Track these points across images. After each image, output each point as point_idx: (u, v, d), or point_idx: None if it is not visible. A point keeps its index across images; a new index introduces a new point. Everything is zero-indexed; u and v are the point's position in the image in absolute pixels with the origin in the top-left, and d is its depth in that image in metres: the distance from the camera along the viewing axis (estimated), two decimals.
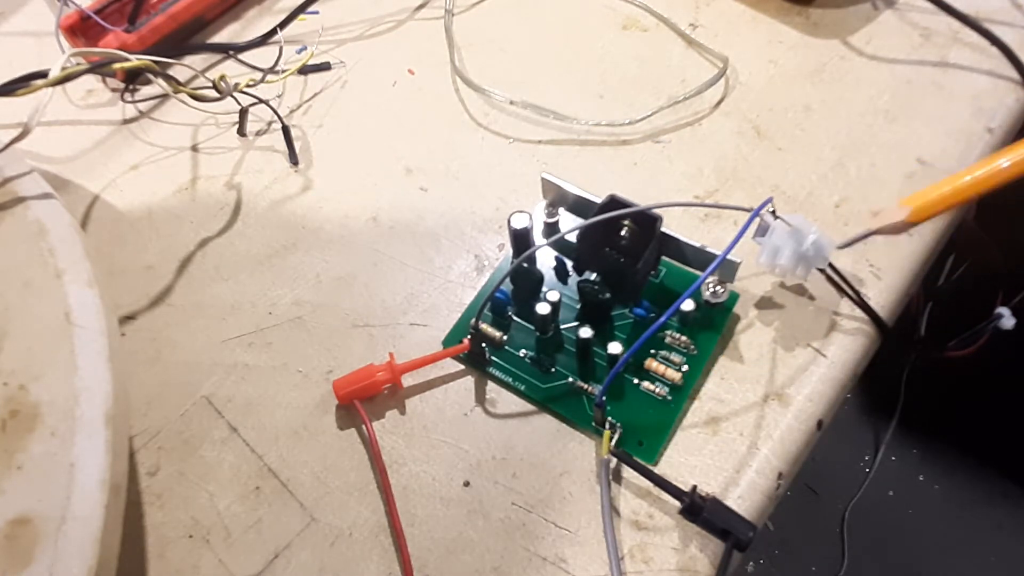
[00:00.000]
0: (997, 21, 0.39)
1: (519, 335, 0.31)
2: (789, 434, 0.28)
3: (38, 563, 0.21)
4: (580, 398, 0.29)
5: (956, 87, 0.37)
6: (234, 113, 0.39)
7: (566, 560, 0.26)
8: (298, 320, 0.32)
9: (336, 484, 0.28)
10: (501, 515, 0.27)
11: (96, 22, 0.40)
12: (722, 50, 0.39)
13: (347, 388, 0.29)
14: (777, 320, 0.31)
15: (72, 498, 0.22)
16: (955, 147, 0.35)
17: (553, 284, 0.32)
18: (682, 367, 0.29)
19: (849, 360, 0.30)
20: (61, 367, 0.25)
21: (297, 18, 0.43)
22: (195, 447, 0.29)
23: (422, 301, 0.33)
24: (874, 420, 0.93)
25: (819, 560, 0.85)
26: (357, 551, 0.27)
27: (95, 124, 0.40)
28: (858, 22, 0.41)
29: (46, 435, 0.23)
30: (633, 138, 0.37)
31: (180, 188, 0.37)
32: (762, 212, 0.28)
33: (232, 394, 0.31)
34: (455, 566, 0.26)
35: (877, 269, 0.32)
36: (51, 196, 0.30)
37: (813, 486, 0.89)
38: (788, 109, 0.37)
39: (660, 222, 0.29)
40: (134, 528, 0.28)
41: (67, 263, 0.27)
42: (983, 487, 0.87)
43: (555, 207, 0.32)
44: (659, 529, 0.26)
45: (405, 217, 0.35)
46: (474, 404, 0.30)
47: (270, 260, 0.34)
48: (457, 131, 0.38)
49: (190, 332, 0.32)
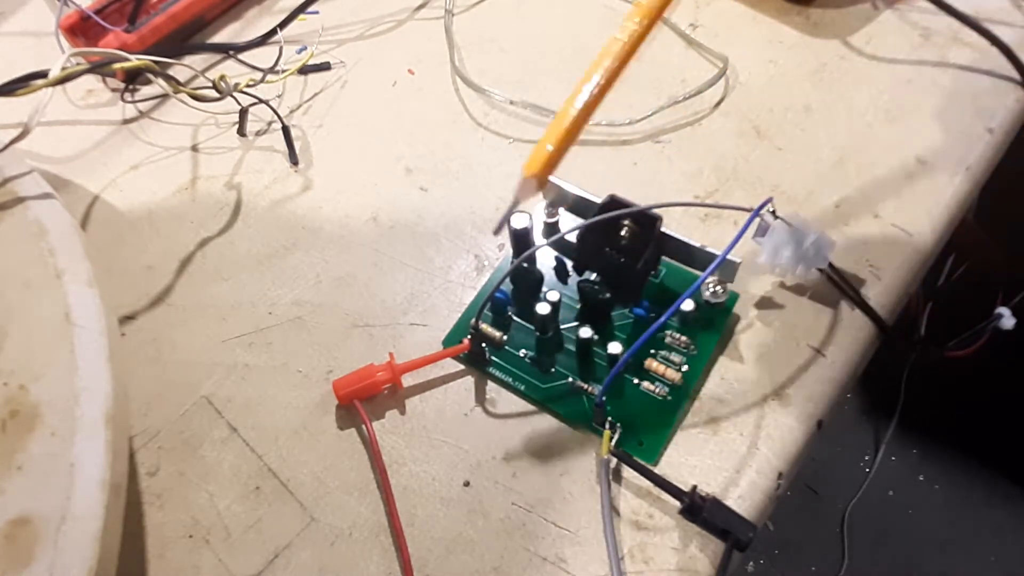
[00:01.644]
0: (997, 21, 0.39)
1: (519, 335, 0.31)
2: (789, 434, 0.28)
3: (38, 563, 0.21)
4: (580, 398, 0.29)
5: (956, 87, 0.37)
6: (234, 113, 0.39)
7: (566, 560, 0.26)
8: (298, 320, 0.32)
9: (336, 484, 0.28)
10: (501, 515, 0.27)
11: (96, 22, 0.40)
12: (722, 50, 0.39)
13: (347, 388, 0.29)
14: (777, 320, 0.31)
15: (72, 498, 0.22)
16: (955, 147, 0.35)
17: (553, 284, 0.32)
18: (682, 367, 0.29)
19: (849, 360, 0.30)
20: (61, 367, 0.25)
21: (297, 18, 0.43)
22: (195, 447, 0.29)
23: (422, 301, 0.33)
24: (874, 420, 0.93)
25: (819, 560, 0.85)
26: (357, 551, 0.27)
27: (95, 124, 0.40)
28: (858, 22, 0.41)
29: (46, 435, 0.23)
30: (633, 138, 0.37)
31: (180, 188, 0.37)
32: (762, 212, 0.28)
33: (232, 394, 0.31)
34: (455, 566, 0.26)
35: (877, 269, 0.32)
36: (51, 196, 0.30)
37: (813, 486, 0.89)
38: (788, 109, 0.37)
39: (660, 222, 0.29)
40: (134, 528, 0.28)
41: (67, 263, 0.27)
42: (983, 487, 0.87)
43: (555, 207, 0.32)
44: (659, 529, 0.26)
45: (405, 217, 0.35)
46: (474, 404, 0.30)
47: (270, 260, 0.34)
48: (457, 131, 0.38)
49: (190, 332, 0.32)
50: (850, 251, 0.32)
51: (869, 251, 0.32)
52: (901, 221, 0.33)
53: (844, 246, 0.32)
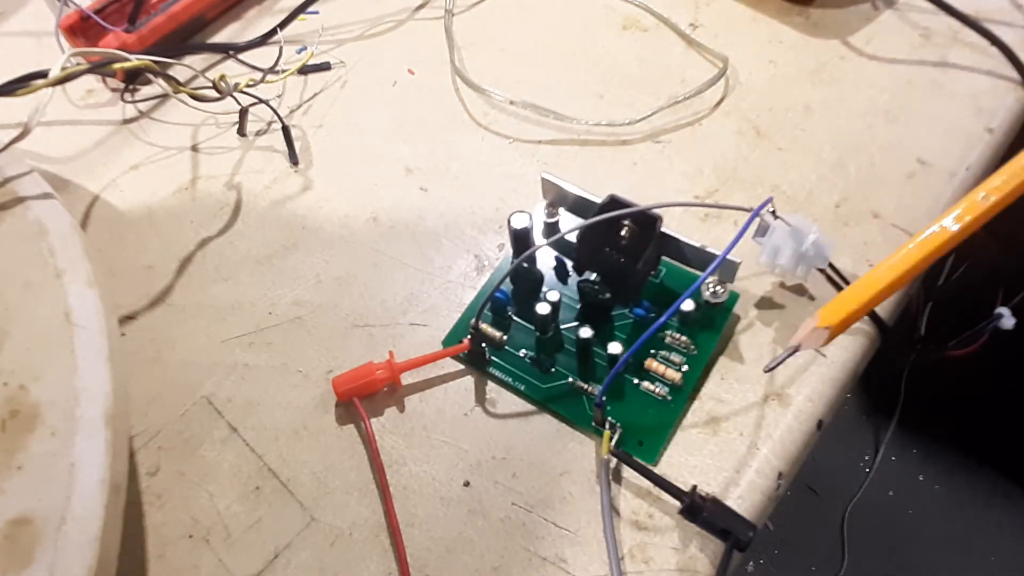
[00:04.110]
0: (997, 21, 0.39)
1: (519, 335, 0.31)
2: (789, 434, 0.28)
3: (38, 563, 0.21)
4: (580, 398, 0.29)
5: (956, 87, 0.37)
6: (234, 113, 0.39)
7: (566, 560, 0.26)
8: (298, 320, 0.32)
9: (336, 484, 0.28)
10: (501, 515, 0.27)
11: (96, 22, 0.40)
12: (722, 50, 0.39)
13: (346, 385, 0.29)
14: (777, 320, 0.31)
15: (72, 498, 0.22)
16: (955, 147, 0.35)
17: (553, 284, 0.32)
18: (682, 367, 0.29)
19: (849, 360, 0.30)
20: (61, 367, 0.25)
21: (297, 18, 0.43)
22: (195, 447, 0.29)
23: (422, 301, 0.33)
24: (874, 420, 0.93)
25: (819, 560, 0.85)
26: (357, 551, 0.27)
27: (95, 124, 0.40)
28: (858, 22, 0.41)
29: (46, 435, 0.23)
30: (633, 138, 0.37)
31: (180, 188, 0.37)
32: (762, 212, 0.28)
33: (232, 394, 0.31)
34: (455, 566, 0.26)
35: None
36: (51, 196, 0.30)
37: (813, 486, 0.89)
38: (788, 109, 0.37)
39: (660, 222, 0.29)
40: (134, 528, 0.28)
41: (67, 263, 0.27)
42: (983, 487, 0.87)
43: (555, 207, 0.32)
44: (659, 529, 0.26)
45: (405, 217, 0.35)
46: (474, 404, 0.30)
47: (270, 260, 0.34)
48: (457, 131, 0.38)
49: (190, 332, 0.32)
50: (850, 251, 0.32)
51: (869, 251, 0.32)
52: (901, 221, 0.33)
53: (844, 246, 0.32)
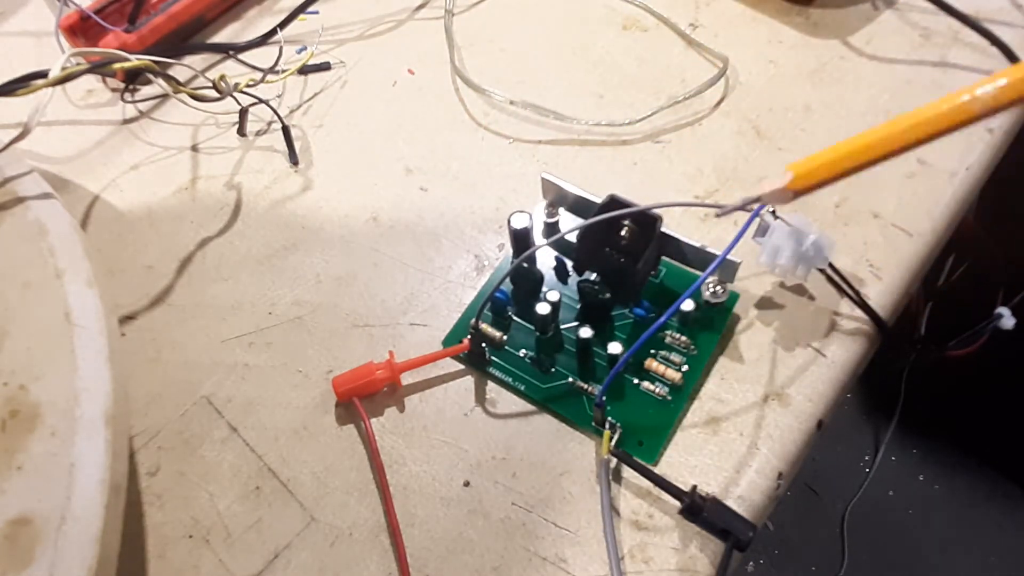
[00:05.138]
0: (997, 21, 0.39)
1: (519, 335, 0.31)
2: (789, 434, 0.28)
3: (38, 563, 0.21)
4: (580, 398, 0.29)
5: (956, 87, 0.37)
6: (234, 113, 0.39)
7: (566, 560, 0.26)
8: (298, 320, 0.32)
9: (336, 484, 0.28)
10: (501, 515, 0.27)
11: (96, 22, 0.40)
12: (722, 50, 0.39)
13: (346, 385, 0.29)
14: (777, 320, 0.31)
15: (72, 498, 0.22)
16: (955, 147, 0.35)
17: (553, 284, 0.32)
18: (682, 367, 0.29)
19: (849, 360, 0.30)
20: (61, 367, 0.25)
21: (297, 18, 0.43)
22: (195, 447, 0.29)
23: (422, 301, 0.33)
24: (874, 420, 0.93)
25: (819, 560, 0.85)
26: (357, 551, 0.27)
27: (95, 124, 0.40)
28: (858, 22, 0.41)
29: (46, 435, 0.23)
30: (633, 138, 0.37)
31: (180, 188, 0.37)
32: (762, 212, 0.28)
33: (232, 394, 0.31)
34: (455, 566, 0.26)
35: (877, 269, 0.32)
36: (51, 196, 0.30)
37: (813, 486, 0.89)
38: (788, 109, 0.37)
39: (660, 222, 0.29)
40: (134, 528, 0.28)
41: (67, 263, 0.27)
42: (983, 487, 0.87)
43: (555, 207, 0.32)
44: (659, 529, 0.26)
45: (405, 217, 0.35)
46: (474, 404, 0.30)
47: (270, 260, 0.34)
48: (457, 131, 0.38)
49: (190, 332, 0.32)
50: (850, 251, 0.32)
51: (869, 251, 0.32)
52: (901, 221, 0.33)
53: (844, 246, 0.32)
